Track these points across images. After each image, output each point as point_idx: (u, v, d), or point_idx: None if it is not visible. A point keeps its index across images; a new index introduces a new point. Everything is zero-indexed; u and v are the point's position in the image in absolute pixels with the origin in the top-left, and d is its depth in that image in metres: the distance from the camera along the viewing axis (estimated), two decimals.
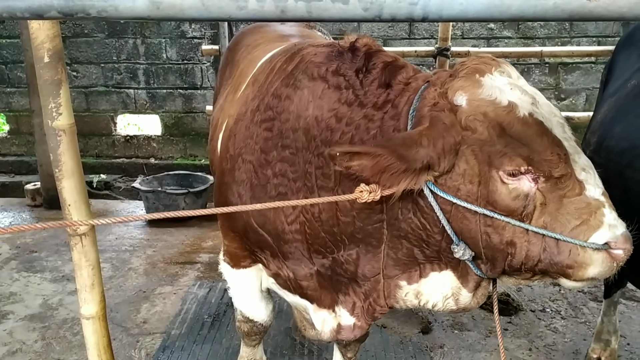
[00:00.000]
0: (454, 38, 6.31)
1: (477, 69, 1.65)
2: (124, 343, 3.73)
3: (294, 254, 2.06)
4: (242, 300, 2.64)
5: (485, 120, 1.56)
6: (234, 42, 3.39)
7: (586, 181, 1.56)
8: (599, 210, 1.54)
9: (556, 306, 4.27)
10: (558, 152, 1.53)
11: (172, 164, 7.34)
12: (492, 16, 0.89)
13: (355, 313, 2.10)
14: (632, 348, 3.71)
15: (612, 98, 2.35)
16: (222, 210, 1.63)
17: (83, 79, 7.35)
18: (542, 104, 1.61)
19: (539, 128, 1.54)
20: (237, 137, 2.09)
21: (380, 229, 1.82)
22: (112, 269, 4.90)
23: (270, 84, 2.03)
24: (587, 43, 6.91)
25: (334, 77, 1.84)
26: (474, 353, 3.64)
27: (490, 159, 1.56)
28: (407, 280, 1.91)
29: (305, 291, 2.16)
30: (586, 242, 1.52)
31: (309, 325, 2.52)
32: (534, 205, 1.56)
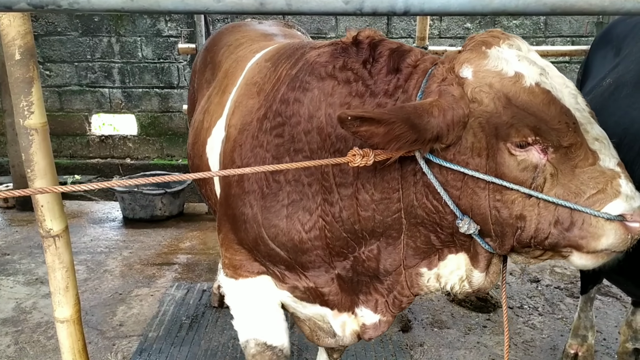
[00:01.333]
0: (431, 37, 6.35)
1: (485, 41, 1.64)
2: (99, 346, 3.66)
3: (314, 263, 1.99)
4: (255, 320, 2.26)
5: (491, 92, 1.56)
6: (212, 43, 3.31)
7: (600, 151, 1.54)
8: (615, 180, 1.51)
9: (534, 303, 4.31)
10: (566, 121, 1.51)
11: (148, 164, 7.25)
12: (475, 10, 0.88)
13: (380, 310, 2.07)
14: (608, 343, 3.76)
15: (589, 97, 2.37)
16: (197, 176, 1.57)
17: (56, 78, 7.21)
18: (554, 76, 1.60)
19: (545, 97, 1.52)
20: (244, 147, 2.02)
21: (399, 219, 1.81)
22: (87, 271, 4.81)
23: (276, 91, 1.99)
24: (562, 43, 7.01)
25: (342, 73, 1.82)
26: (454, 350, 3.65)
27: (497, 131, 1.55)
28: (427, 266, 1.90)
29: (326, 298, 2.08)
30: (599, 212, 1.49)
31: (323, 334, 2.36)
32: (544, 178, 1.54)
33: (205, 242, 5.48)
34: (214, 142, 2.31)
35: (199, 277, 4.74)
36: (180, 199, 6.18)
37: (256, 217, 1.98)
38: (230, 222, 2.12)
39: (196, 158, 2.55)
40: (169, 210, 6.07)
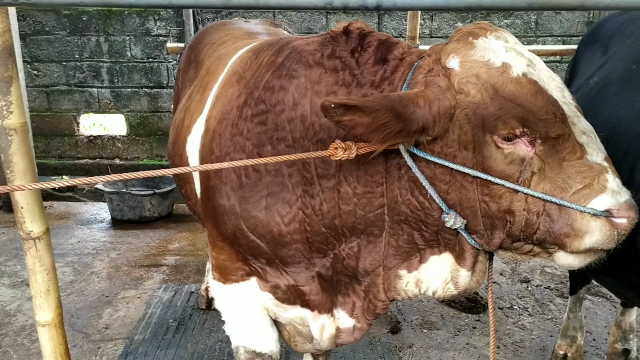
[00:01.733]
0: (422, 37, 6.33)
1: (472, 32, 1.62)
2: (84, 350, 3.61)
3: (293, 257, 1.95)
4: (242, 326, 2.24)
5: (478, 82, 1.53)
6: (196, 41, 3.27)
7: (587, 145, 1.52)
8: (602, 175, 1.50)
9: (524, 303, 4.30)
10: (554, 111, 1.49)
11: (138, 165, 7.19)
12: (449, 5, 0.85)
13: (355, 314, 2.02)
14: (597, 343, 3.74)
15: (576, 95, 2.35)
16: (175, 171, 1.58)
17: (44, 78, 7.13)
18: (541, 68, 1.58)
19: (533, 87, 1.50)
20: (223, 137, 1.99)
21: (382, 216, 1.77)
22: (73, 273, 4.75)
23: (259, 78, 1.96)
24: (553, 42, 7.01)
25: (330, 61, 1.79)
26: (443, 352, 3.62)
27: (484, 123, 1.52)
28: (407, 268, 1.86)
29: (307, 297, 2.04)
30: (585, 208, 1.48)
31: (301, 340, 2.33)
32: (531, 171, 1.52)
33: (194, 244, 5.43)
34: (194, 140, 2.27)
35: (187, 278, 4.70)
36: (169, 199, 6.13)
37: (234, 208, 1.94)
38: (211, 216, 2.07)
39: (176, 157, 2.51)
40: (157, 211, 6.02)
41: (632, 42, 2.18)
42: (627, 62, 2.08)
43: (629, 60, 2.07)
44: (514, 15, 6.92)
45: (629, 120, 1.87)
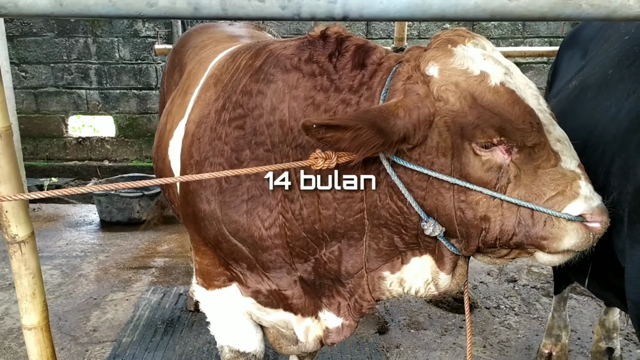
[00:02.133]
0: (410, 38, 6.36)
1: (450, 39, 1.64)
2: (72, 353, 3.60)
3: (274, 262, 1.96)
4: (226, 328, 2.30)
5: (457, 91, 1.55)
6: (180, 44, 3.28)
7: (561, 152, 1.57)
8: (575, 181, 1.55)
9: (510, 303, 4.33)
10: (530, 121, 1.52)
11: (127, 166, 7.18)
12: (414, 15, 0.87)
13: (342, 313, 2.04)
14: (582, 342, 3.78)
15: (556, 98, 2.38)
16: (163, 182, 1.59)
17: (32, 80, 7.11)
18: (517, 76, 1.61)
19: (510, 97, 1.52)
20: (202, 141, 1.99)
21: (362, 220, 1.78)
22: (61, 275, 4.74)
23: (236, 82, 1.96)
24: (539, 43, 7.06)
25: (308, 65, 1.80)
26: (430, 352, 3.65)
27: (462, 131, 1.55)
28: (390, 270, 1.88)
29: (289, 301, 2.06)
30: (560, 213, 1.52)
31: (286, 342, 2.35)
32: (508, 178, 1.55)
33: (184, 245, 5.43)
34: (176, 144, 2.27)
35: (176, 280, 4.70)
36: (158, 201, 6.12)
37: (215, 213, 1.95)
38: (192, 220, 2.08)
39: (159, 161, 2.51)
40: (146, 213, 6.01)
41: (609, 46, 2.21)
42: (604, 66, 2.11)
43: (606, 64, 2.10)
44: None
45: (604, 124, 1.90)
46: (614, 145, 1.81)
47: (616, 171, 1.77)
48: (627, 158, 1.71)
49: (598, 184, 1.89)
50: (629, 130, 1.74)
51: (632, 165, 1.67)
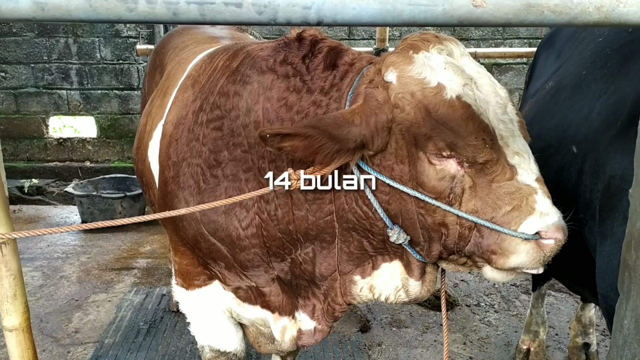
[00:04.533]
0: (392, 39, 6.40)
1: (413, 44, 1.60)
2: (54, 354, 3.59)
3: (252, 262, 1.97)
4: (207, 328, 2.32)
5: (412, 101, 1.53)
6: (161, 45, 3.28)
7: (519, 166, 1.53)
8: (531, 196, 1.50)
9: (490, 300, 4.40)
10: (483, 137, 1.49)
11: (109, 167, 7.14)
12: (385, 21, 0.90)
13: (316, 316, 2.05)
14: (560, 338, 3.86)
15: (532, 99, 2.44)
16: (165, 215, 1.61)
17: (12, 80, 7.04)
18: (483, 84, 1.57)
19: (464, 112, 1.49)
20: (180, 142, 2.00)
21: (332, 222, 1.78)
22: (42, 277, 4.71)
23: (214, 83, 1.97)
24: (519, 44, 7.17)
25: (282, 67, 1.81)
26: (411, 349, 3.70)
27: (416, 141, 1.53)
28: (361, 274, 1.88)
29: (267, 298, 2.08)
30: (516, 232, 1.49)
31: (264, 340, 2.38)
32: (462, 188, 1.53)
33: (166, 246, 5.41)
34: (155, 145, 2.28)
35: (159, 281, 4.69)
36: (140, 202, 6.10)
37: (194, 213, 1.96)
38: (171, 221, 2.09)
39: (139, 162, 2.52)
40: (129, 214, 5.98)
41: (584, 48, 2.27)
42: (578, 67, 2.17)
43: (580, 66, 2.16)
44: None
45: (577, 124, 1.95)
46: (586, 144, 1.87)
47: (588, 170, 1.83)
48: (597, 157, 1.76)
49: (572, 182, 1.95)
50: (599, 130, 1.80)
51: (602, 164, 1.73)
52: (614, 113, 1.76)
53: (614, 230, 1.70)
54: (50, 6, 0.87)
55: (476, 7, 0.88)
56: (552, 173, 2.07)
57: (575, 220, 1.95)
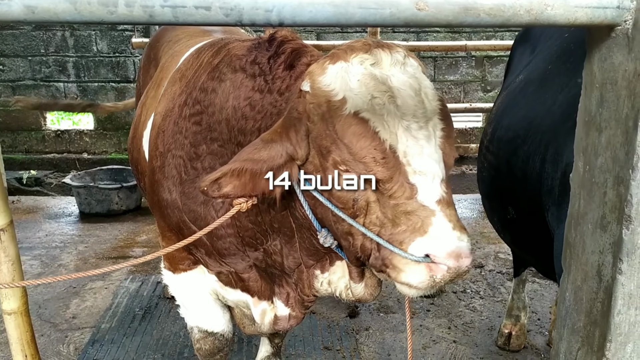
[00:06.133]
0: (384, 32, 6.50)
1: (335, 54, 1.58)
2: (52, 339, 3.71)
3: (229, 250, 2.06)
4: (194, 309, 2.43)
5: (319, 112, 1.52)
6: (155, 39, 3.37)
7: (419, 185, 1.46)
8: (427, 218, 1.44)
9: (476, 287, 4.52)
10: (374, 156, 1.46)
11: (105, 159, 7.25)
12: (339, 22, 1.01)
13: (290, 303, 2.14)
14: (542, 323, 3.98)
15: (505, 92, 2.55)
16: (184, 243, 1.69)
17: (10, 73, 7.13)
18: (405, 97, 1.49)
19: (358, 128, 1.46)
20: (166, 133, 2.09)
21: (288, 217, 1.83)
22: (41, 265, 4.83)
23: (197, 78, 2.05)
24: (510, 37, 7.24)
25: (251, 67, 1.86)
26: (397, 334, 3.82)
27: (321, 152, 1.55)
28: (321, 269, 1.96)
29: (246, 283, 2.17)
30: (404, 252, 1.45)
31: (248, 322, 2.47)
32: (366, 202, 1.52)
33: None
34: (148, 135, 2.38)
35: (154, 269, 4.80)
36: (137, 193, 6.20)
37: (176, 202, 2.06)
38: (157, 208, 2.21)
39: (134, 152, 2.62)
40: (125, 205, 6.09)
41: (552, 43, 2.38)
42: (546, 62, 2.28)
43: (547, 60, 2.27)
44: None
45: (542, 116, 2.07)
46: (549, 134, 1.98)
47: (549, 158, 1.94)
48: (557, 146, 1.88)
49: (536, 170, 2.07)
50: (560, 121, 1.91)
51: (560, 152, 1.84)
52: (572, 105, 1.86)
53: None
54: (39, 9, 0.97)
55: (419, 10, 0.99)
56: (520, 162, 2.20)
57: (540, 207, 2.08)
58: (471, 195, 6.94)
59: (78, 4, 0.97)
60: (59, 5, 0.97)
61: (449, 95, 7.43)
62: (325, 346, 3.65)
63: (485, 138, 2.54)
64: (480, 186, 2.72)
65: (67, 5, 0.97)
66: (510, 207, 2.31)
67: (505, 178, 2.30)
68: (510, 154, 2.23)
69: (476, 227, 5.91)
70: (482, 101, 7.34)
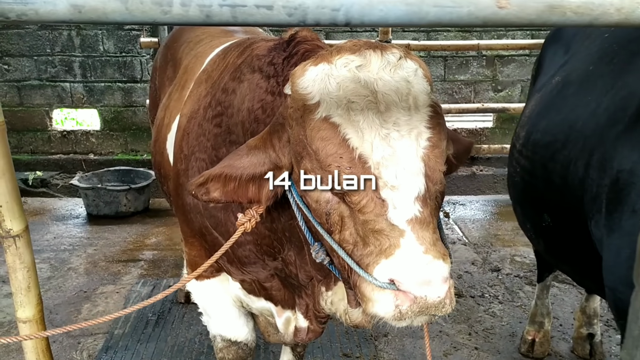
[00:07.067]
0: (395, 31, 6.41)
1: (322, 55, 1.47)
2: (64, 345, 3.63)
3: (249, 258, 2.00)
4: (217, 318, 2.37)
5: (296, 116, 1.43)
6: (172, 39, 3.30)
7: (390, 201, 1.32)
8: (395, 239, 1.29)
9: (494, 291, 4.44)
10: (339, 164, 1.34)
11: (112, 160, 7.15)
12: (412, 22, 0.92)
13: (308, 316, 2.07)
14: (564, 329, 3.90)
15: (539, 93, 2.47)
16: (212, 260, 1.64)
17: (15, 73, 7.04)
18: (389, 103, 1.36)
19: (326, 133, 1.35)
20: (190, 136, 2.03)
21: (295, 227, 1.71)
22: (50, 269, 4.75)
23: (221, 79, 1.99)
24: (522, 36, 7.17)
25: (268, 67, 1.78)
26: (417, 340, 3.74)
27: (296, 158, 1.45)
28: (326, 286, 1.88)
29: (269, 292, 2.11)
30: (369, 275, 1.32)
31: (272, 330, 2.40)
32: (340, 216, 1.40)
33: (172, 238, 5.46)
34: (173, 138, 2.32)
35: (165, 273, 4.73)
36: (145, 194, 6.13)
37: (198, 206, 2.01)
38: (181, 212, 2.16)
39: (157, 155, 2.56)
40: (134, 206, 6.01)
41: (591, 43, 2.29)
42: (586, 63, 2.20)
43: (587, 61, 2.19)
44: None
45: (585, 119, 1.99)
46: (593, 139, 1.90)
47: (595, 164, 1.86)
48: (604, 152, 1.80)
49: (578, 176, 1.99)
50: (606, 125, 1.83)
51: (608, 158, 1.76)
52: (621, 108, 1.80)
53: (622, 224, 1.74)
54: (87, 9, 0.89)
55: (500, 8, 0.90)
56: (558, 167, 2.12)
57: (581, 214, 1.99)
58: (482, 196, 6.86)
59: (129, 3, 0.88)
60: (108, 5, 0.89)
61: (459, 95, 7.34)
62: (344, 353, 3.57)
63: (518, 142, 2.46)
64: (512, 191, 2.63)
65: (117, 4, 0.89)
66: (546, 214, 2.23)
67: (541, 183, 2.22)
68: (548, 159, 2.15)
69: (490, 229, 5.83)
70: (492, 101, 7.25)
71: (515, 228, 5.74)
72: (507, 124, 7.40)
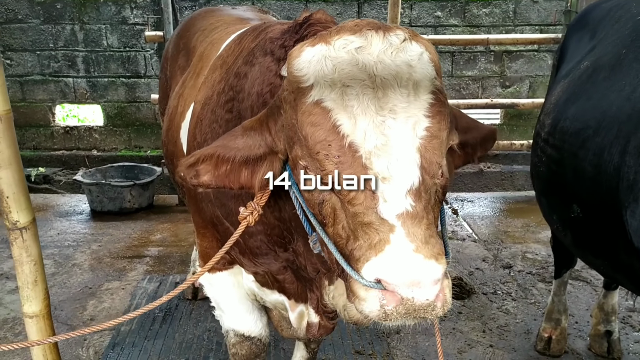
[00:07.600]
0: (402, 25, 6.33)
1: (322, 35, 1.38)
2: (70, 342, 3.55)
3: (260, 249, 1.92)
4: (230, 312, 2.30)
5: (289, 99, 1.36)
6: (184, 29, 3.23)
7: (381, 193, 1.25)
8: (385, 234, 1.22)
9: (507, 288, 4.36)
10: (327, 153, 1.27)
11: (115, 156, 7.06)
12: None
13: (318, 311, 2.03)
14: (580, 326, 3.82)
15: (566, 80, 2.38)
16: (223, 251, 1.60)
17: (18, 67, 6.96)
18: (387, 87, 1.27)
19: (317, 118, 1.28)
20: (204, 123, 1.96)
21: (298, 217, 1.60)
22: (54, 265, 4.66)
23: (235, 64, 1.92)
24: (530, 31, 7.08)
25: (279, 50, 1.70)
26: (430, 337, 3.66)
27: (289, 144, 1.38)
28: (329, 279, 1.83)
29: (283, 285, 2.03)
30: (356, 273, 1.26)
31: (286, 325, 2.33)
32: (332, 208, 1.34)
33: (177, 234, 5.38)
34: (187, 126, 2.25)
35: (171, 269, 4.65)
36: (149, 190, 6.05)
37: (209, 195, 1.95)
38: (194, 202, 2.10)
39: (170, 144, 2.49)
40: (138, 203, 5.93)
41: (621, 26, 2.21)
42: (617, 46, 2.11)
43: (619, 44, 2.11)
44: (492, 5, 6.97)
45: (619, 104, 1.91)
46: (630, 124, 1.82)
47: (632, 150, 1.78)
48: None
49: (613, 164, 1.90)
50: None
51: None
52: None
53: None
54: None
55: None
56: (590, 155, 2.03)
57: (616, 204, 1.91)
58: (490, 193, 6.79)
59: None
60: None
61: (466, 91, 7.26)
62: (356, 350, 3.50)
63: (543, 130, 2.37)
64: (536, 182, 2.54)
65: None
66: (575, 205, 2.14)
67: (570, 173, 2.13)
68: (578, 147, 2.07)
69: (499, 226, 5.75)
70: (500, 97, 7.16)
71: (525, 225, 5.67)
72: (515, 120, 7.32)
